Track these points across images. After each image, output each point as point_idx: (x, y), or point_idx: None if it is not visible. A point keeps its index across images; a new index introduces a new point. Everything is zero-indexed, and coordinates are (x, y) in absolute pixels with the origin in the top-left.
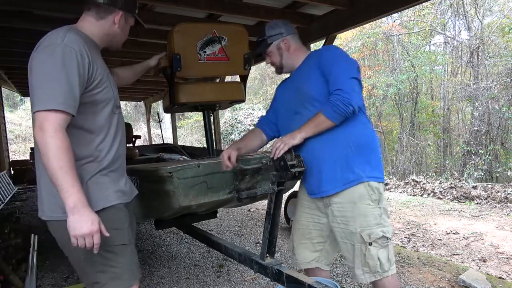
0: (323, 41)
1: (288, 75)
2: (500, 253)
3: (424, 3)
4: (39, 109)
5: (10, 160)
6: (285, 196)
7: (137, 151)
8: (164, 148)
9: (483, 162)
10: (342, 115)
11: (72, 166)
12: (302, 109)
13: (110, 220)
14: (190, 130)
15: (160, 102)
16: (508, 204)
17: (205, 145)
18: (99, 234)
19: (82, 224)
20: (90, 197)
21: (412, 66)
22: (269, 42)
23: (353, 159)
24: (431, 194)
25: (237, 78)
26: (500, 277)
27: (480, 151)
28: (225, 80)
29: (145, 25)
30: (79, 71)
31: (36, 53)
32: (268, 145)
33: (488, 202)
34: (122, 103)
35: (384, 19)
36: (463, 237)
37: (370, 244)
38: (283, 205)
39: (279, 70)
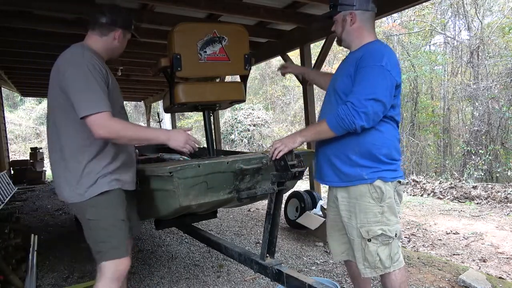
0: (323, 41)
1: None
2: (500, 253)
3: (424, 3)
4: (90, 113)
5: (10, 160)
6: (285, 196)
7: (137, 151)
8: (164, 148)
9: (483, 162)
10: (344, 129)
11: (137, 125)
12: (333, 98)
13: (112, 200)
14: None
15: (160, 102)
16: (508, 204)
17: (205, 145)
18: (189, 135)
19: (179, 138)
20: (96, 183)
21: (412, 66)
22: (339, 10)
23: (360, 160)
24: (431, 194)
25: (237, 78)
26: (500, 277)
27: (480, 151)
28: (225, 80)
29: (140, 39)
30: (102, 80)
31: (66, 73)
32: (267, 145)
33: (488, 202)
34: None
35: (384, 19)
36: (463, 237)
37: (369, 240)
38: (283, 205)
39: (339, 41)
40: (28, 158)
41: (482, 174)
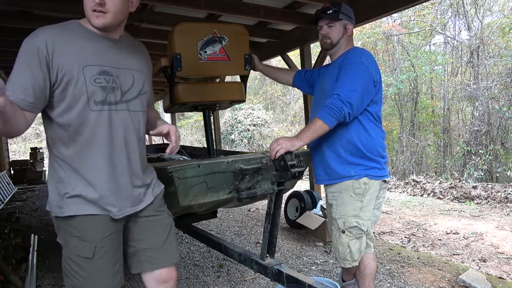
0: None
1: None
2: (500, 253)
3: (424, 3)
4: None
5: (10, 160)
6: (285, 196)
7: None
8: (164, 148)
9: (483, 162)
10: (335, 118)
11: None
12: (322, 101)
13: (75, 228)
14: (190, 130)
15: (160, 102)
16: (508, 204)
17: (205, 145)
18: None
19: None
20: (61, 201)
21: (412, 66)
22: (340, 17)
23: (348, 157)
24: (431, 194)
25: (237, 78)
26: (500, 277)
27: (480, 151)
28: (225, 80)
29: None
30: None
31: None
32: (267, 145)
33: (488, 202)
34: None
35: (384, 19)
36: (463, 237)
37: (343, 232)
38: (283, 205)
39: (330, 46)
40: (28, 158)
41: (482, 174)
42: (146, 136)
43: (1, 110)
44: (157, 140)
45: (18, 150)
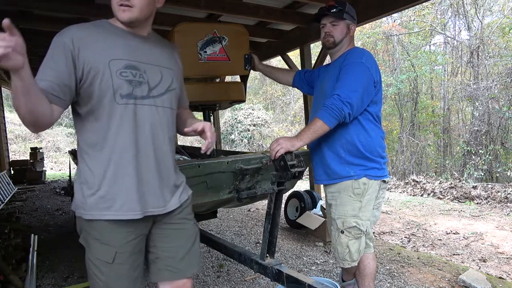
0: None
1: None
2: (500, 253)
3: (424, 3)
4: None
5: (10, 160)
6: (285, 196)
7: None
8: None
9: (483, 162)
10: (335, 119)
11: None
12: (323, 101)
13: (97, 231)
14: None
15: None
16: (508, 204)
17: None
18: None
19: None
20: (84, 201)
21: (412, 66)
22: (344, 16)
23: (347, 157)
24: (431, 194)
25: (237, 78)
26: (500, 277)
27: (480, 151)
28: (225, 80)
29: None
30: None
31: None
32: (267, 145)
33: (488, 202)
34: None
35: (384, 19)
36: (463, 237)
37: (342, 232)
38: (283, 205)
39: (333, 44)
40: (28, 158)
41: (482, 174)
42: None
43: (18, 70)
44: None
45: (18, 150)
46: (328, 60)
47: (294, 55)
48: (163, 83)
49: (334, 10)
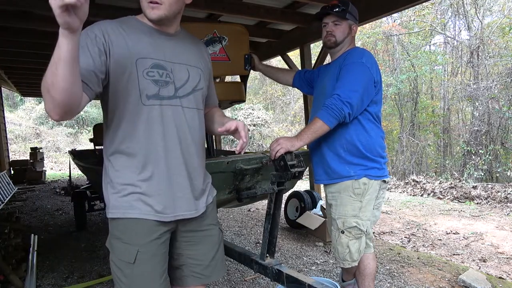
0: None
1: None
2: (500, 253)
3: (424, 3)
4: None
5: (10, 160)
6: (285, 196)
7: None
8: None
9: (483, 162)
10: (335, 119)
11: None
12: (322, 102)
13: (119, 230)
14: None
15: None
16: (508, 204)
17: (205, 145)
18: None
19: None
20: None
21: (412, 66)
22: (347, 16)
23: (347, 156)
24: (431, 194)
25: (237, 78)
26: (500, 277)
27: (480, 151)
28: (225, 80)
29: None
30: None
31: None
32: (267, 145)
33: (488, 202)
34: None
35: (384, 19)
36: (463, 237)
37: (342, 232)
38: (283, 205)
39: (334, 44)
40: (28, 158)
41: (482, 174)
42: None
43: (74, 32)
44: None
45: (18, 150)
46: (328, 60)
47: (294, 55)
48: (190, 83)
49: (337, 9)
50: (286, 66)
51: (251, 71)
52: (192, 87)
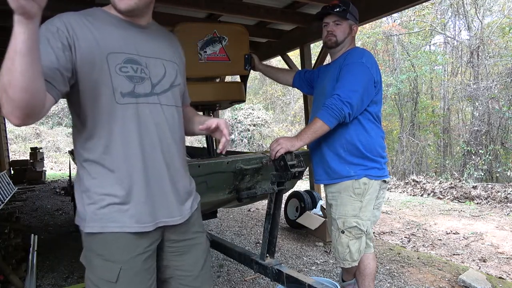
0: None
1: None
2: (500, 253)
3: (424, 3)
4: None
5: (10, 160)
6: (285, 196)
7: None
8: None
9: (483, 162)
10: (335, 119)
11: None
12: (323, 102)
13: (99, 245)
14: None
15: None
16: (508, 204)
17: (205, 145)
18: None
19: None
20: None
21: (412, 66)
22: (348, 16)
23: (348, 156)
24: (431, 194)
25: (237, 78)
26: (500, 277)
27: (480, 151)
28: (225, 80)
29: None
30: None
31: None
32: (267, 145)
33: (488, 202)
34: None
35: (384, 19)
36: (463, 237)
37: (343, 232)
38: (283, 205)
39: (335, 44)
40: (28, 158)
41: (482, 174)
42: None
43: (31, 18)
44: None
45: (18, 150)
46: (328, 60)
47: (294, 55)
48: (166, 78)
49: (338, 9)
50: (286, 66)
51: (251, 71)
52: (170, 83)
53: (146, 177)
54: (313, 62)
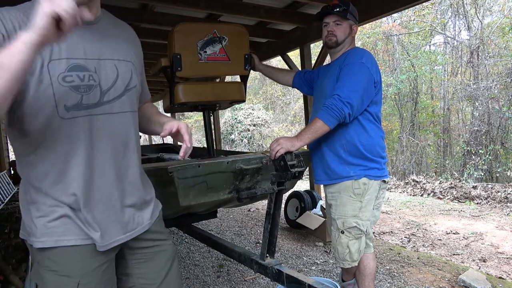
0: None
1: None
2: (500, 253)
3: (424, 3)
4: None
5: (10, 160)
6: (285, 196)
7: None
8: (164, 148)
9: (483, 162)
10: (335, 119)
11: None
12: (323, 102)
13: (53, 260)
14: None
15: (160, 102)
16: (508, 204)
17: (205, 145)
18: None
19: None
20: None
21: (412, 66)
22: (348, 16)
23: (347, 157)
24: (431, 194)
25: (237, 78)
26: (500, 277)
27: (480, 151)
28: (225, 80)
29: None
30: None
31: None
32: (267, 145)
33: (488, 202)
34: None
35: (384, 19)
36: (463, 237)
37: (342, 232)
38: (283, 205)
39: (335, 44)
40: None
41: (482, 174)
42: (146, 136)
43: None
44: (157, 140)
45: None
46: (328, 60)
47: (294, 55)
48: (120, 82)
49: (339, 9)
50: (286, 66)
51: (251, 71)
52: (124, 86)
53: (97, 194)
54: (313, 62)
